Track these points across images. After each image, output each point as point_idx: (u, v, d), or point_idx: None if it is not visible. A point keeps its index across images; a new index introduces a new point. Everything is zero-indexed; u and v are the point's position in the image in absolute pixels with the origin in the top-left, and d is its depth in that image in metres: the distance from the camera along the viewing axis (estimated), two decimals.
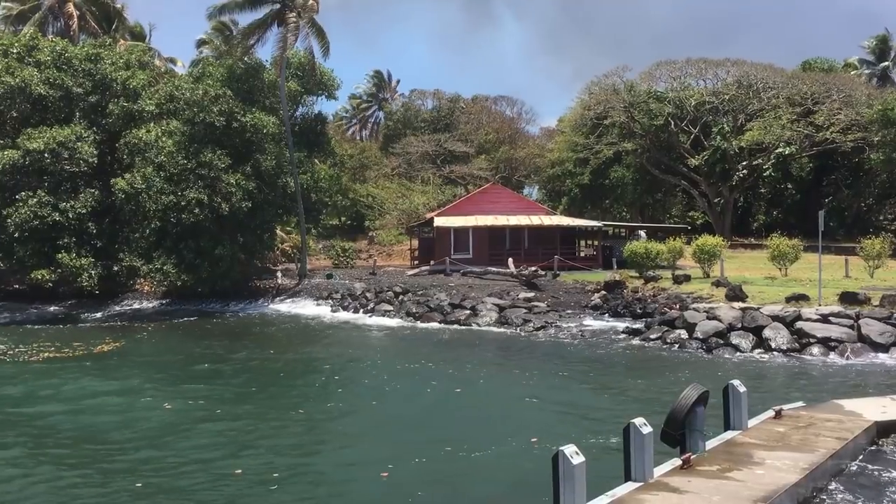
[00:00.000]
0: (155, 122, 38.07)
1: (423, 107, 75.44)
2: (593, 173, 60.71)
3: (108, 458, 13.30)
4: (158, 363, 23.69)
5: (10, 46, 38.70)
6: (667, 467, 9.31)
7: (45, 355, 24.79)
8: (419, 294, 34.79)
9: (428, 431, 14.54)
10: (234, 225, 36.81)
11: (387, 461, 12.38)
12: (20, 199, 34.82)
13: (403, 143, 66.72)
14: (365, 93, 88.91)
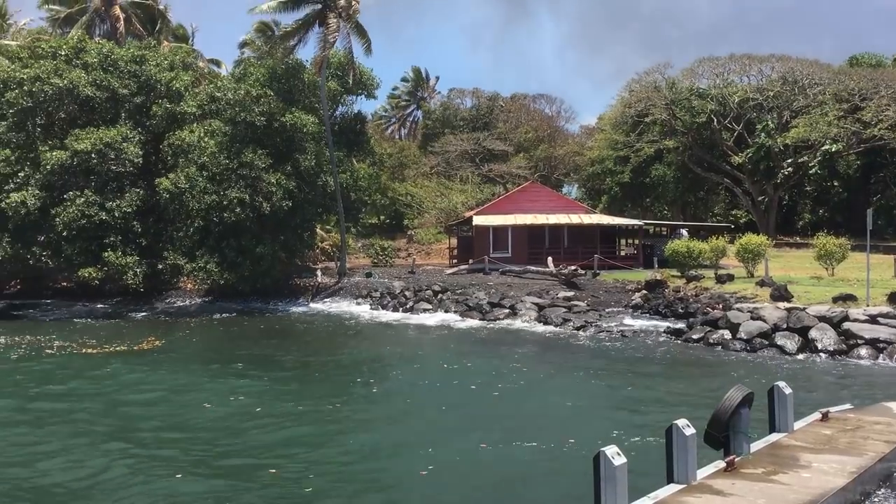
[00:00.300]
0: (198, 122, 38.65)
1: (462, 105, 75.44)
2: (634, 171, 60.17)
3: (136, 452, 13.51)
4: (198, 360, 24.00)
5: (58, 49, 39.56)
6: (710, 469, 9.17)
7: (90, 350, 25.34)
8: (458, 293, 34.80)
9: (466, 431, 14.49)
10: (274, 224, 37.17)
11: (425, 460, 12.39)
12: (68, 198, 35.56)
13: (442, 142, 66.78)
14: (404, 92, 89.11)
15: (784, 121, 55.20)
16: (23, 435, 14.61)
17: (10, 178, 36.24)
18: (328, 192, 39.68)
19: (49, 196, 36.13)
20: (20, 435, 14.58)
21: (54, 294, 41.37)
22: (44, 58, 38.77)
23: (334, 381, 20.30)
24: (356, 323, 32.15)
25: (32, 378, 20.82)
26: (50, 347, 26.17)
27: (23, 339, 27.84)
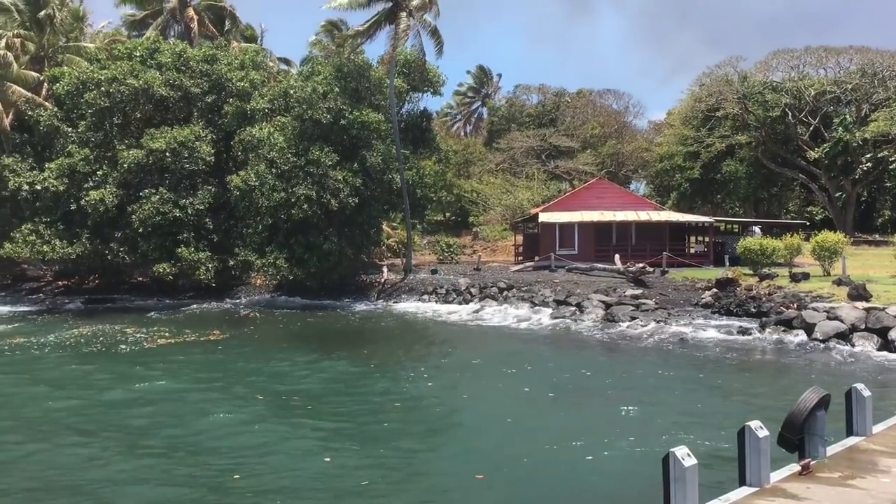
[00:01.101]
0: (267, 120, 39.37)
1: (528, 102, 75.04)
2: (704, 167, 58.92)
3: (172, 447, 13.84)
4: (261, 353, 24.40)
5: (133, 50, 40.80)
6: (784, 473, 8.88)
7: (160, 341, 26.13)
8: (523, 290, 34.63)
9: (528, 431, 14.37)
10: (341, 220, 37.61)
11: (483, 462, 12.35)
12: (144, 196, 36.64)
13: (508, 139, 66.57)
14: (468, 89, 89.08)
15: (863, 114, 53.25)
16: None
17: (89, 177, 37.53)
18: (394, 190, 39.94)
19: (126, 194, 37.28)
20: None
21: (130, 289, 42.73)
22: (120, 59, 40.04)
23: (392, 376, 20.36)
24: (421, 319, 32.29)
25: (104, 367, 21.57)
26: (123, 339, 27.08)
27: (100, 331, 28.88)
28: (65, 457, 13.09)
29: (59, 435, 14.61)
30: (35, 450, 13.59)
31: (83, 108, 38.58)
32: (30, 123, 40.48)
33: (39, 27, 42.77)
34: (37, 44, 42.94)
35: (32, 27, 42.50)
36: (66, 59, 43.07)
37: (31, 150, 40.61)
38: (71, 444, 13.91)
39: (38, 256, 37.97)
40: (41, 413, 16.41)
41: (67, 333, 28.50)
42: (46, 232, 37.55)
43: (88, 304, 39.41)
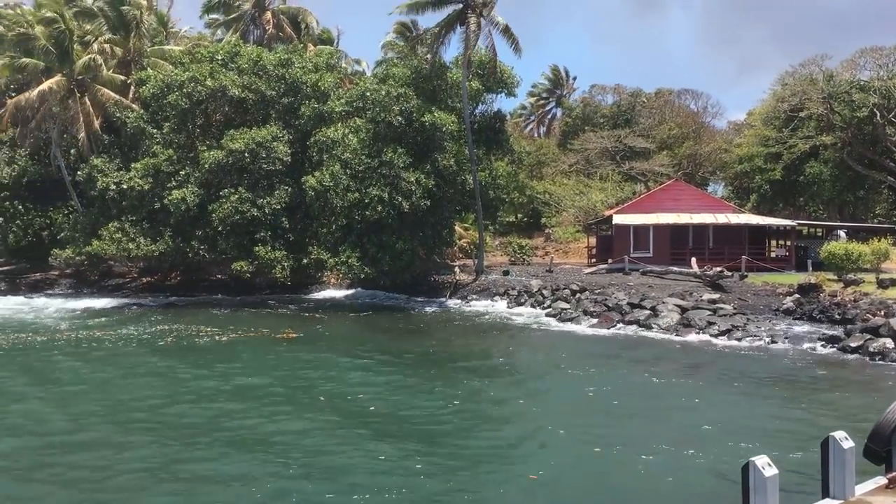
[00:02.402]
0: (342, 121, 39.95)
1: (603, 102, 74.09)
2: (786, 169, 57.06)
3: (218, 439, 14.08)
4: (331, 353, 24.73)
5: (214, 54, 41.97)
6: (869, 486, 8.54)
7: (232, 337, 26.78)
8: (596, 292, 34.21)
9: (595, 437, 14.17)
10: (414, 221, 37.85)
11: (540, 465, 12.26)
12: (223, 195, 37.62)
13: (582, 140, 65.83)
14: (542, 89, 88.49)
15: None
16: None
17: (172, 177, 38.75)
18: (467, 191, 39.98)
19: (206, 193, 38.33)
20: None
21: (209, 286, 43.94)
22: (202, 62, 41.22)
23: (458, 377, 20.27)
24: (492, 320, 32.21)
25: (184, 361, 22.24)
26: (200, 335, 27.85)
27: (180, 327, 29.78)
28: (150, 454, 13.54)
29: (138, 433, 15.12)
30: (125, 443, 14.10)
31: (167, 109, 39.88)
32: (117, 125, 42.11)
33: (126, 32, 44.36)
34: (124, 48, 44.55)
35: (120, 32, 44.11)
36: (152, 62, 44.60)
37: (118, 150, 42.25)
38: (152, 443, 14.37)
39: (124, 254, 39.37)
40: (130, 402, 17.03)
41: (150, 329, 29.50)
42: (132, 230, 38.94)
43: (170, 300, 40.70)
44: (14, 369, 21.94)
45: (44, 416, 16.17)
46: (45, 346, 25.66)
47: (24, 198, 47.25)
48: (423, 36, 44.07)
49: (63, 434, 14.76)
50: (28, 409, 16.88)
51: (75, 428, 15.23)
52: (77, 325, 31.34)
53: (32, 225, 47.72)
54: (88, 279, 45.48)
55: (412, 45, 49.34)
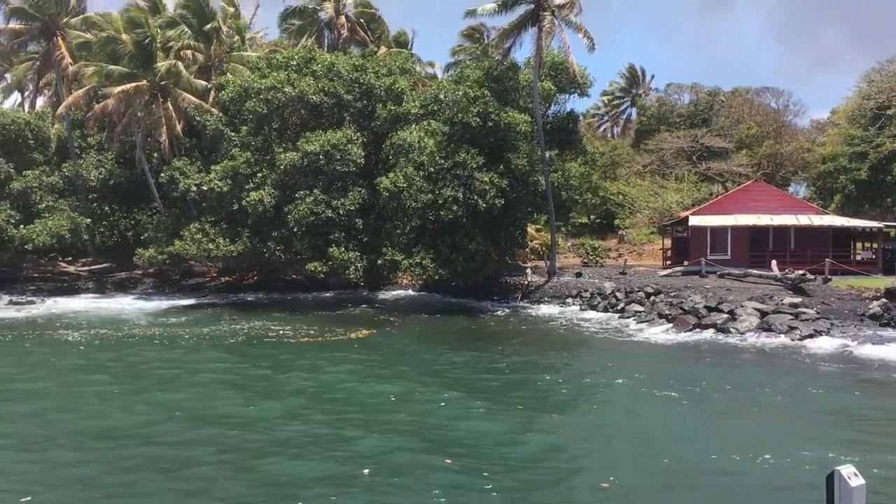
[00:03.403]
0: (416, 123, 40.24)
1: (680, 101, 72.62)
2: (872, 169, 54.82)
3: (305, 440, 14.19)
4: (403, 353, 24.88)
5: (290, 59, 42.80)
6: None
7: (305, 339, 27.18)
8: (672, 295, 33.55)
9: (670, 444, 13.85)
10: (487, 222, 37.81)
11: (612, 472, 12.05)
12: (299, 197, 38.30)
13: (657, 140, 64.67)
14: (617, 89, 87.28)
15: None
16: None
17: (250, 178, 39.66)
18: (539, 192, 39.75)
19: (282, 195, 39.09)
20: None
21: (285, 285, 44.81)
22: (278, 68, 42.09)
23: (527, 380, 20.08)
24: (564, 323, 31.91)
25: (264, 359, 22.70)
26: (269, 333, 28.42)
27: (257, 325, 30.45)
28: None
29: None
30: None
31: (245, 114, 40.85)
32: (198, 129, 43.41)
33: (206, 39, 45.65)
34: (204, 54, 45.86)
35: (200, 39, 45.42)
36: (231, 67, 45.78)
37: (198, 153, 43.54)
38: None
39: (204, 254, 40.47)
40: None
41: (225, 328, 30.26)
42: (211, 230, 40.02)
43: (247, 299, 41.66)
44: (84, 364, 22.79)
45: (127, 412, 16.75)
46: (120, 343, 26.61)
47: (110, 199, 49.26)
48: (494, 38, 43.99)
49: (142, 427, 15.25)
50: (101, 410, 17.49)
51: (148, 422, 15.71)
52: (155, 322, 32.42)
53: (118, 226, 49.68)
54: (170, 278, 47.00)
55: (484, 46, 49.32)
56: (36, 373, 21.35)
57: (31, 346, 26.56)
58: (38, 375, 20.96)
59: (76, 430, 15.16)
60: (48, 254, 48.26)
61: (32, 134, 46.49)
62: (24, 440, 14.59)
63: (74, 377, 20.75)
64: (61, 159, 47.65)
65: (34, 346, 26.50)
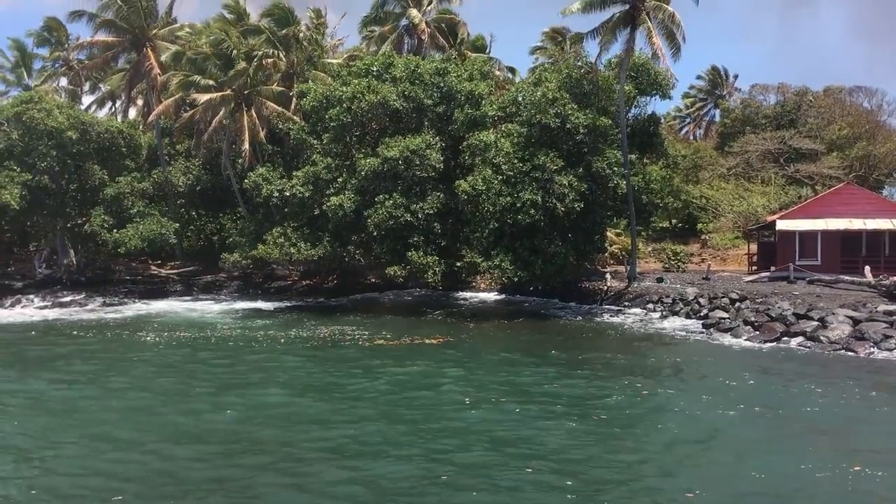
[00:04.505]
0: (494, 126, 40.18)
1: (766, 102, 70.44)
2: None
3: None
4: (479, 358, 24.75)
5: (370, 66, 43.33)
6: None
7: (378, 342, 27.37)
8: (758, 302, 32.47)
9: (760, 460, 13.35)
10: (566, 225, 37.43)
11: (698, 484, 11.72)
12: (378, 201, 38.68)
13: (742, 142, 62.84)
14: (699, 90, 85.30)
15: None
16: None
17: (330, 184, 40.28)
18: (619, 195, 39.14)
19: (362, 199, 39.56)
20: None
21: (364, 289, 45.37)
22: (359, 75, 42.66)
23: (613, 392, 19.57)
24: (644, 329, 31.32)
25: (346, 362, 22.98)
26: (347, 337, 28.75)
27: (337, 330, 30.88)
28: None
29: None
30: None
31: (327, 122, 41.54)
32: (280, 136, 44.43)
33: (288, 47, 46.68)
34: (286, 62, 46.88)
35: (282, 47, 46.47)
36: (312, 75, 46.67)
37: (280, 159, 44.53)
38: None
39: (286, 257, 41.30)
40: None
41: (305, 332, 30.77)
42: (293, 235, 40.81)
43: (327, 302, 42.36)
44: (174, 365, 23.51)
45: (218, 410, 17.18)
46: (207, 345, 27.37)
47: (197, 205, 50.90)
48: (579, 39, 43.53)
49: (234, 425, 15.61)
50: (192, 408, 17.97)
51: (239, 419, 16.06)
52: (239, 325, 33.29)
53: (204, 230, 51.23)
54: (253, 282, 48.21)
55: (569, 46, 48.90)
56: (129, 371, 22.20)
57: (122, 346, 27.62)
58: (131, 374, 21.78)
59: (168, 429, 15.66)
60: (139, 257, 50.14)
61: (125, 142, 48.35)
62: (118, 439, 15.13)
63: (163, 377, 21.46)
64: (151, 166, 49.43)
65: (125, 346, 27.55)
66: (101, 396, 18.97)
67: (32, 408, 17.81)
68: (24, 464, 13.55)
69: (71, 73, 62.25)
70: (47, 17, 61.98)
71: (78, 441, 14.93)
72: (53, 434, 15.42)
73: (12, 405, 17.92)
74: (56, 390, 19.61)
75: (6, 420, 16.50)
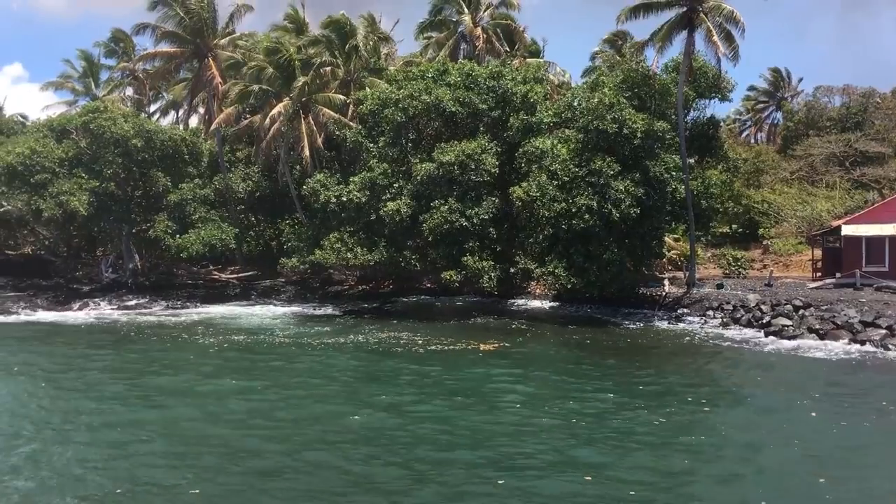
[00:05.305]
0: (550, 132, 39.95)
1: (830, 104, 68.62)
2: None
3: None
4: (533, 365, 24.57)
5: (426, 72, 43.56)
6: None
7: (432, 347, 27.38)
8: (823, 309, 31.58)
9: (841, 472, 12.99)
10: (622, 231, 36.99)
11: (777, 498, 11.45)
12: (434, 206, 38.81)
13: (805, 145, 61.37)
14: (760, 92, 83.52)
15: None
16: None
17: (386, 189, 40.56)
18: (678, 200, 38.56)
19: (418, 204, 39.75)
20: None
21: (419, 294, 45.53)
22: (414, 80, 42.91)
23: (675, 404, 19.19)
24: (704, 338, 30.70)
25: (406, 367, 23.12)
26: (402, 341, 28.90)
27: (393, 336, 31.06)
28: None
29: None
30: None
31: (383, 125, 41.88)
32: (338, 142, 44.95)
33: (346, 55, 47.24)
34: (344, 69, 47.44)
35: (340, 55, 47.04)
36: (369, 81, 47.12)
37: (337, 165, 45.04)
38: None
39: (343, 262, 41.71)
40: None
41: (364, 335, 31.06)
42: (350, 240, 41.20)
43: (383, 307, 42.59)
44: (237, 367, 23.94)
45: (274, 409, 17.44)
46: (269, 348, 27.79)
47: (256, 210, 51.82)
48: (638, 43, 43.03)
49: (298, 425, 15.82)
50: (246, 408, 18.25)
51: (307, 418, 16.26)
52: (297, 329, 33.78)
53: (263, 235, 52.11)
54: (310, 286, 48.80)
55: (627, 51, 48.37)
56: (198, 369, 22.76)
57: (186, 348, 28.25)
58: (202, 374, 22.31)
59: (242, 425, 16.03)
60: (200, 262, 51.24)
61: (187, 149, 49.52)
62: (196, 435, 15.53)
63: (228, 378, 21.87)
64: (213, 173, 50.49)
65: (189, 348, 28.18)
66: (176, 395, 19.43)
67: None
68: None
69: (136, 83, 64.04)
70: (115, 29, 64.10)
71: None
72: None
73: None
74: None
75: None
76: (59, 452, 14.39)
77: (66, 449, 14.62)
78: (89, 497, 12.13)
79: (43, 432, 16.01)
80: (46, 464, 13.73)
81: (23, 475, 13.00)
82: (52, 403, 18.93)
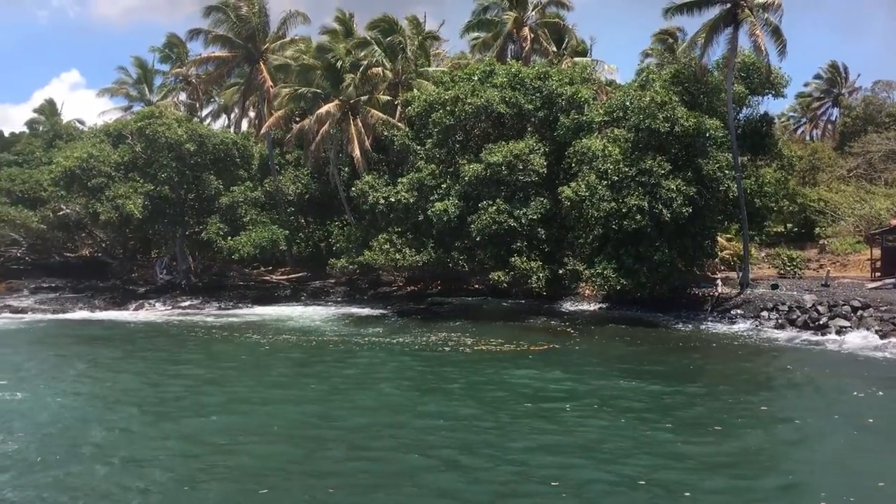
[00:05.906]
0: (599, 131, 39.54)
1: (889, 99, 66.76)
2: None
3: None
4: (582, 368, 24.25)
5: (472, 73, 43.53)
6: None
7: (481, 348, 27.27)
8: (883, 310, 30.69)
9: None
10: (673, 231, 36.44)
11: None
12: (482, 207, 38.74)
13: (864, 142, 59.76)
14: (816, 89, 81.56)
15: None
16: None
17: (434, 190, 40.64)
18: (730, 199, 37.83)
19: (466, 205, 39.72)
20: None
21: (467, 295, 45.50)
22: (461, 81, 42.92)
23: (735, 410, 18.73)
24: (759, 340, 30.08)
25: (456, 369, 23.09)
26: (450, 342, 28.87)
27: (443, 337, 31.07)
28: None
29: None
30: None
31: (430, 127, 41.98)
32: (386, 143, 45.22)
33: (394, 57, 47.49)
34: (392, 72, 47.69)
35: (388, 57, 47.31)
36: (416, 83, 47.30)
37: (385, 167, 45.31)
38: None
39: (391, 263, 41.92)
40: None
41: (413, 336, 31.16)
42: (398, 241, 41.41)
43: (431, 308, 42.67)
44: (291, 368, 24.18)
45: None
46: (322, 349, 28.05)
47: (306, 212, 52.43)
48: (689, 39, 42.40)
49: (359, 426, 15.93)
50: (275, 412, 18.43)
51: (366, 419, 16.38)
52: (346, 330, 34.13)
53: (313, 237, 52.67)
54: (359, 287, 49.16)
55: (678, 48, 47.74)
56: (254, 371, 23.11)
57: (241, 348, 28.71)
58: (256, 376, 22.66)
59: (308, 429, 16.27)
60: (252, 263, 52.03)
61: (238, 153, 50.36)
62: (260, 438, 15.80)
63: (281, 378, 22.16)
64: (263, 175, 51.24)
65: (244, 348, 28.63)
66: (238, 398, 19.72)
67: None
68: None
69: (189, 88, 65.30)
70: (169, 34, 65.44)
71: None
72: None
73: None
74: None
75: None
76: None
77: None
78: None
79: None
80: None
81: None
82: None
